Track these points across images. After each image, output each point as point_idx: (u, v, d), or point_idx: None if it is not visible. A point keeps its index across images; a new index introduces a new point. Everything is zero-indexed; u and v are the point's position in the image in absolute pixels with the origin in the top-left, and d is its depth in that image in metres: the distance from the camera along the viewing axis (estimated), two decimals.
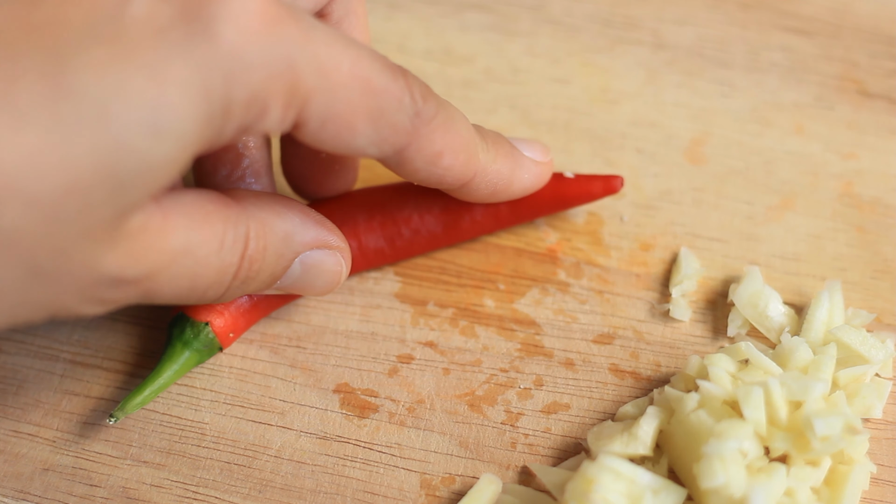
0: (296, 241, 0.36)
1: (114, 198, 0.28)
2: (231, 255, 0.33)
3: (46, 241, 0.27)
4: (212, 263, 0.33)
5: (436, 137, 0.35)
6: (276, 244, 0.35)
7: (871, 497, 0.37)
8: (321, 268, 0.38)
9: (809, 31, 0.51)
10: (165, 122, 0.28)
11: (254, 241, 0.34)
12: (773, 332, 0.40)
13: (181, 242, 0.31)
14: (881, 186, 0.45)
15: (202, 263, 0.32)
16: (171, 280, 0.32)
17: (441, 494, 0.38)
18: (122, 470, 0.38)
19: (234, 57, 0.29)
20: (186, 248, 0.32)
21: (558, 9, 0.52)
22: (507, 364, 0.41)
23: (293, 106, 0.31)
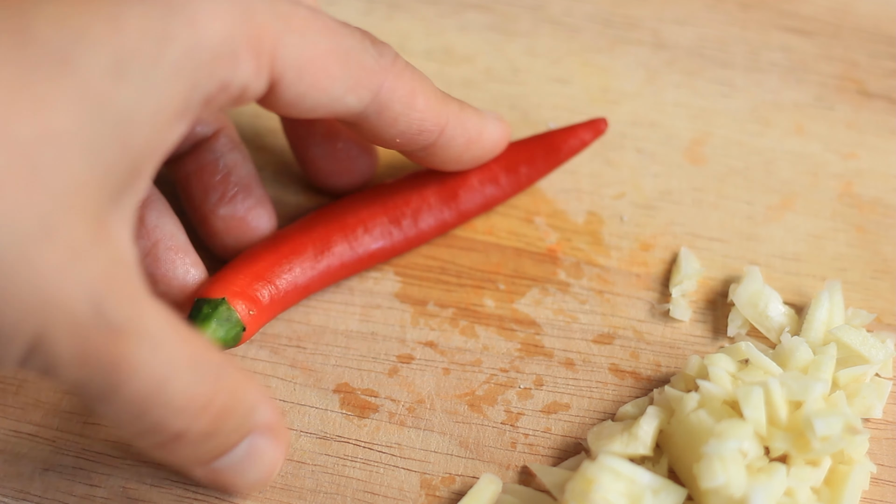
0: (255, 417, 0.34)
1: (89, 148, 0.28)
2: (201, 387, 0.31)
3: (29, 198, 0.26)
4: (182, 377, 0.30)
5: (405, 76, 0.36)
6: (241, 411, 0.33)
7: (871, 497, 0.37)
8: (263, 457, 0.35)
9: (809, 31, 0.51)
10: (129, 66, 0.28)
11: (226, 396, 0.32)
12: (773, 332, 0.40)
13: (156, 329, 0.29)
14: (881, 186, 0.45)
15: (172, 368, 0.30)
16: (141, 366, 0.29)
17: (441, 494, 0.38)
18: (122, 470, 0.38)
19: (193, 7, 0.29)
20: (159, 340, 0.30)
21: (558, 9, 0.52)
22: (507, 364, 0.41)
23: (264, 54, 0.31)
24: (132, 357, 0.29)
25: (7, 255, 0.26)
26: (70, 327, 0.28)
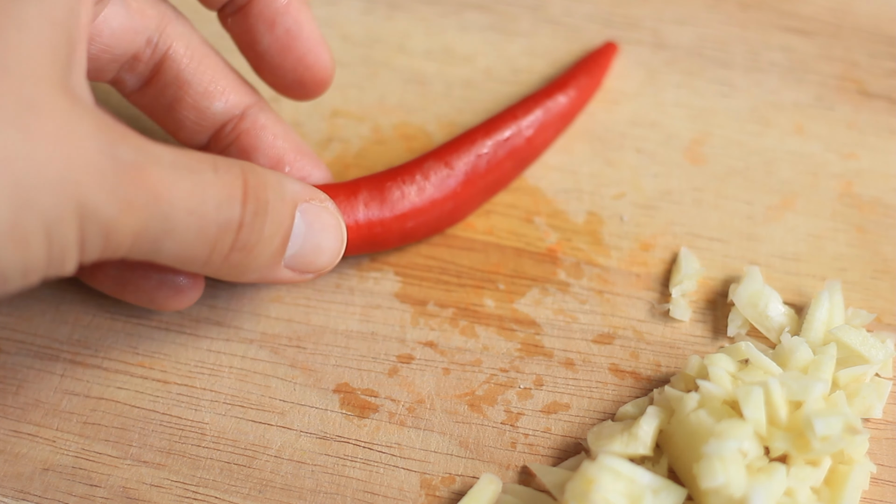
0: (289, 188, 0.36)
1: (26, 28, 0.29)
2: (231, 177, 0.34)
3: None
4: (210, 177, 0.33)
5: None
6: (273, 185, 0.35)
7: (871, 497, 0.37)
8: (323, 221, 0.37)
9: (809, 31, 0.51)
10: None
11: (251, 175, 0.34)
12: (773, 332, 0.40)
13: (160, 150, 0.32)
14: (881, 186, 0.45)
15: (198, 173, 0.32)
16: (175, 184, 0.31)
17: (441, 494, 0.38)
18: (122, 470, 0.38)
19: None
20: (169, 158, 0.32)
21: (558, 9, 0.52)
22: (507, 364, 0.41)
23: None
24: (163, 180, 0.31)
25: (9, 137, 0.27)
26: (103, 182, 0.29)
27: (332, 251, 0.38)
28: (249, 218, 0.34)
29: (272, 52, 0.40)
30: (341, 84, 0.49)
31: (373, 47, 0.51)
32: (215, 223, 0.33)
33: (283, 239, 0.36)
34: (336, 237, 0.38)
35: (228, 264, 0.35)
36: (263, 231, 0.35)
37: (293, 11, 0.39)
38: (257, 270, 0.36)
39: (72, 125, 0.29)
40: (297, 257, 0.37)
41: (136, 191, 0.30)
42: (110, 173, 0.29)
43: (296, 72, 0.40)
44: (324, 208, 0.37)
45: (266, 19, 0.39)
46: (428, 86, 0.49)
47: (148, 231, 0.31)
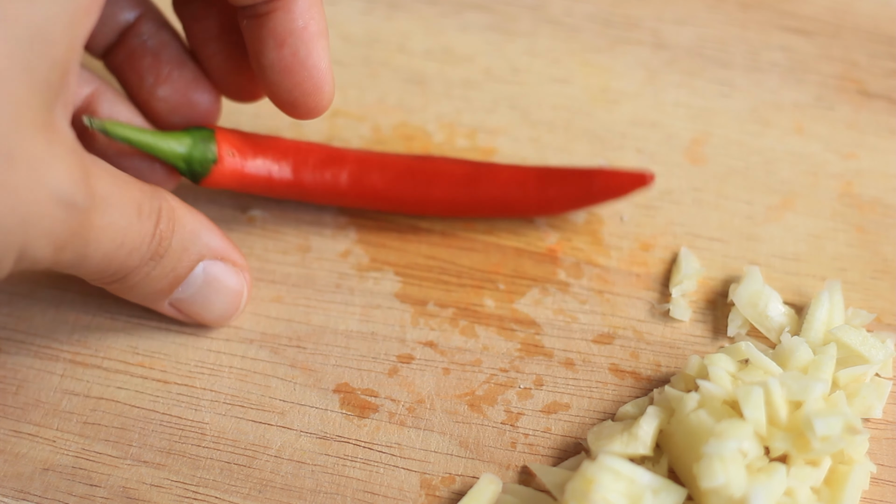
0: (202, 242, 0.38)
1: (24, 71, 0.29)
2: (148, 223, 0.35)
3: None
4: (134, 225, 0.34)
5: None
6: (183, 233, 0.37)
7: (871, 497, 0.37)
8: (223, 282, 0.39)
9: (809, 31, 0.51)
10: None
11: (164, 219, 0.36)
12: (773, 332, 0.40)
13: (107, 190, 0.33)
14: (881, 186, 0.45)
15: (126, 219, 0.34)
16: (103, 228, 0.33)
17: (441, 494, 0.38)
18: (122, 470, 0.38)
19: None
20: (111, 200, 0.33)
21: (558, 9, 0.52)
22: (507, 364, 0.41)
23: None
24: (98, 226, 0.33)
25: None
26: (48, 231, 0.31)
27: (221, 311, 0.40)
28: (143, 262, 0.36)
29: (274, 70, 0.40)
30: (341, 84, 0.49)
31: (373, 47, 0.51)
32: (117, 264, 0.35)
33: (172, 283, 0.38)
34: (230, 301, 0.40)
35: (110, 288, 0.37)
36: (151, 273, 0.37)
37: (306, 37, 0.39)
38: (137, 299, 0.39)
39: (39, 173, 0.30)
40: (183, 302, 0.39)
41: (74, 237, 0.32)
42: (59, 223, 0.31)
43: (292, 94, 0.40)
44: (231, 270, 0.39)
45: (277, 36, 0.39)
46: (428, 86, 0.49)
47: (64, 262, 0.33)
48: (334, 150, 0.43)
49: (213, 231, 0.39)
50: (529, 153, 0.47)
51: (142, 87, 0.42)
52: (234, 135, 0.41)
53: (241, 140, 0.41)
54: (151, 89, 0.42)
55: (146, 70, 0.42)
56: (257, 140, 0.42)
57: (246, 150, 0.41)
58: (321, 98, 0.40)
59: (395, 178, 0.43)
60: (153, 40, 0.42)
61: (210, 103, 0.42)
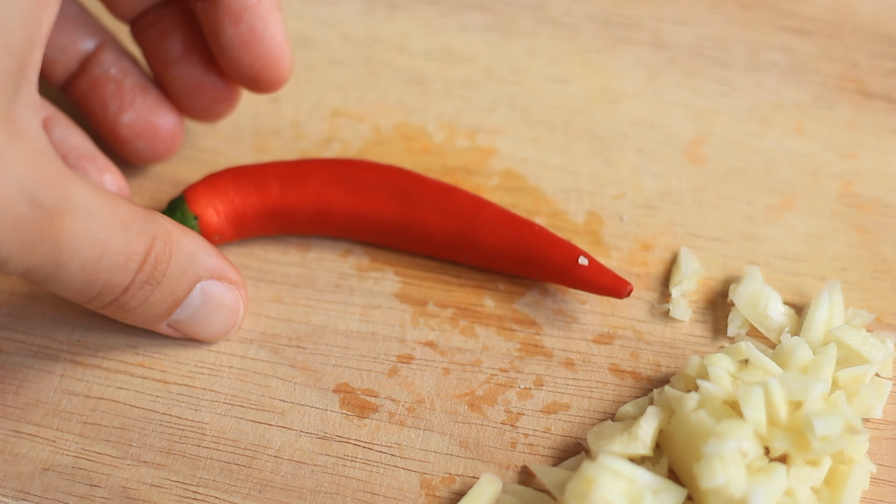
0: (199, 263, 0.38)
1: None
2: (137, 243, 0.34)
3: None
4: (117, 239, 0.34)
5: None
6: (181, 257, 0.37)
7: (871, 497, 0.37)
8: (220, 301, 0.39)
9: (809, 31, 0.51)
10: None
11: (160, 242, 0.35)
12: (773, 332, 0.40)
13: (86, 199, 0.32)
14: (881, 186, 0.45)
15: (107, 232, 0.33)
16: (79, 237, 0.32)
17: (441, 494, 0.38)
18: (122, 470, 0.38)
19: None
20: (89, 209, 0.32)
21: (558, 9, 0.52)
22: (507, 364, 0.41)
23: None
24: (71, 232, 0.32)
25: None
26: (11, 224, 0.30)
27: (219, 328, 0.40)
28: (138, 285, 0.35)
29: (233, 46, 0.40)
30: (341, 84, 0.49)
31: (373, 47, 0.51)
32: (102, 281, 0.34)
33: (171, 306, 0.38)
34: (228, 318, 0.40)
35: (106, 311, 0.36)
36: (149, 298, 0.36)
37: (261, 11, 0.40)
38: (134, 322, 0.38)
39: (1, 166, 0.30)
40: (182, 322, 0.39)
41: (41, 237, 0.31)
42: (22, 218, 0.31)
43: (253, 68, 0.41)
44: (228, 288, 0.39)
45: (233, 14, 0.40)
46: (428, 86, 0.49)
47: (39, 269, 0.32)
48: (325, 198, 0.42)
49: (208, 251, 0.39)
50: (529, 153, 0.47)
51: (106, 115, 0.43)
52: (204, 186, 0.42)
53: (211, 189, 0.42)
54: (116, 116, 0.43)
55: (109, 98, 0.42)
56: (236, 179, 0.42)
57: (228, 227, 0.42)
58: (281, 70, 0.41)
59: (381, 236, 0.43)
60: (115, 68, 0.43)
61: (173, 126, 0.44)
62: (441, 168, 0.46)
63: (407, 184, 0.42)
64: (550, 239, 0.41)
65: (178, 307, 0.38)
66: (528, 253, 0.41)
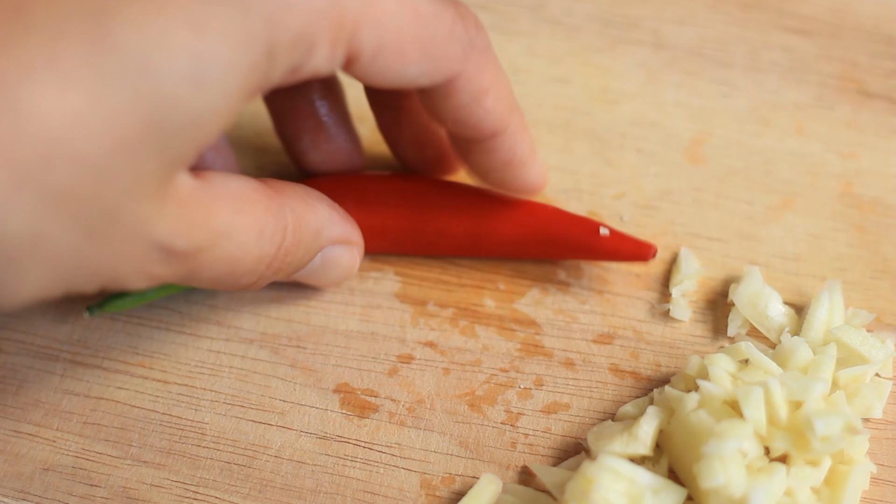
0: (324, 237, 0.38)
1: (161, 152, 0.28)
2: (269, 246, 0.34)
3: (98, 201, 0.28)
4: (251, 251, 0.34)
5: (486, 71, 0.36)
6: (308, 239, 0.37)
7: (871, 497, 0.37)
8: (339, 262, 0.39)
9: (809, 31, 0.51)
10: (208, 72, 0.28)
11: (290, 235, 0.35)
12: (773, 332, 0.40)
13: (226, 224, 0.32)
14: (881, 186, 0.45)
15: (243, 249, 0.33)
16: (213, 262, 0.32)
17: (441, 494, 0.38)
18: (122, 470, 0.38)
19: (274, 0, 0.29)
20: (229, 232, 0.32)
21: (558, 9, 0.52)
22: (507, 364, 0.41)
23: (341, 41, 0.31)
24: (206, 261, 0.32)
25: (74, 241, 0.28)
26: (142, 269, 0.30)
27: (334, 281, 0.41)
28: (279, 258, 0.35)
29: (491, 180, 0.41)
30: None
31: None
32: (228, 284, 0.34)
33: (295, 270, 0.37)
34: (342, 275, 0.40)
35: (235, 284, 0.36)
36: (282, 268, 0.36)
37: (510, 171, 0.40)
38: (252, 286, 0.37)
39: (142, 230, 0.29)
40: (300, 277, 0.39)
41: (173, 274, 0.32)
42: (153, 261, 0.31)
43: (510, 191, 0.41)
44: (346, 250, 0.39)
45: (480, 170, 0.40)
46: None
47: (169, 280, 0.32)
48: None
49: (334, 219, 0.38)
50: None
51: (297, 143, 0.42)
52: None
53: None
54: (305, 149, 0.42)
55: (305, 130, 0.42)
56: None
57: None
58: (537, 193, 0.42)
59: (393, 243, 0.42)
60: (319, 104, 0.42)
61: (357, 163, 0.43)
62: None
63: (413, 188, 0.42)
64: (567, 217, 0.41)
65: (299, 271, 0.38)
66: (549, 234, 0.41)
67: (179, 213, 0.30)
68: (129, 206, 0.29)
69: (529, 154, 0.39)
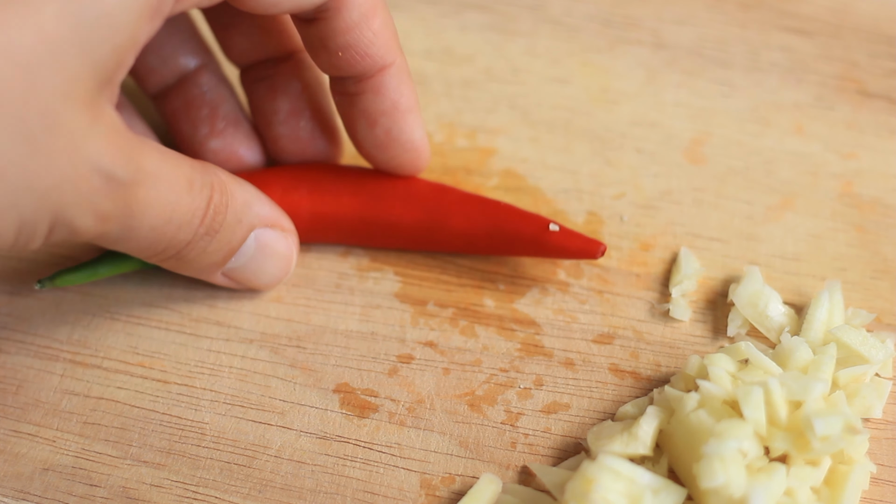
0: (253, 212, 0.38)
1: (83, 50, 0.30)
2: (200, 198, 0.35)
3: (31, 101, 0.29)
4: (183, 199, 0.35)
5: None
6: (236, 206, 0.37)
7: (871, 497, 0.37)
8: (274, 249, 0.40)
9: (809, 31, 0.51)
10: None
11: (218, 194, 0.36)
12: (773, 332, 0.40)
13: (155, 166, 0.33)
14: (881, 186, 0.45)
15: (176, 193, 0.34)
16: (150, 203, 0.33)
17: (441, 494, 0.38)
18: (122, 470, 0.38)
19: None
20: (159, 174, 0.33)
21: (558, 9, 0.52)
22: (507, 364, 0.41)
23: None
24: (144, 199, 0.33)
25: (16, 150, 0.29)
26: (86, 199, 0.31)
27: (273, 276, 0.41)
28: (199, 237, 0.36)
29: (368, 144, 0.41)
30: None
31: None
32: (168, 239, 0.35)
33: (227, 255, 0.38)
34: (281, 266, 0.41)
35: (165, 264, 0.37)
36: (207, 248, 0.37)
37: (397, 116, 0.40)
38: (191, 272, 0.39)
39: (79, 144, 0.31)
40: (236, 271, 0.40)
41: (115, 207, 0.32)
42: (98, 192, 0.32)
43: (389, 164, 0.42)
44: (280, 236, 0.40)
45: (368, 116, 0.40)
46: (428, 86, 0.49)
47: (110, 234, 0.33)
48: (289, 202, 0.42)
49: (262, 199, 0.39)
50: (529, 153, 0.47)
51: (193, 137, 0.43)
52: None
53: None
54: (203, 140, 0.43)
55: (201, 121, 0.43)
56: None
57: None
58: (417, 166, 0.42)
59: (346, 233, 0.43)
60: (212, 93, 0.43)
61: (259, 161, 0.44)
62: (441, 168, 0.46)
63: (368, 180, 0.42)
64: (518, 213, 0.42)
65: (233, 256, 0.39)
66: (498, 229, 0.41)
67: (113, 138, 0.32)
68: (63, 111, 0.30)
69: (416, 103, 0.40)
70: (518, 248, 0.42)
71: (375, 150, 0.41)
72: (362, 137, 0.41)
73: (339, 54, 0.38)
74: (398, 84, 0.39)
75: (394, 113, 0.40)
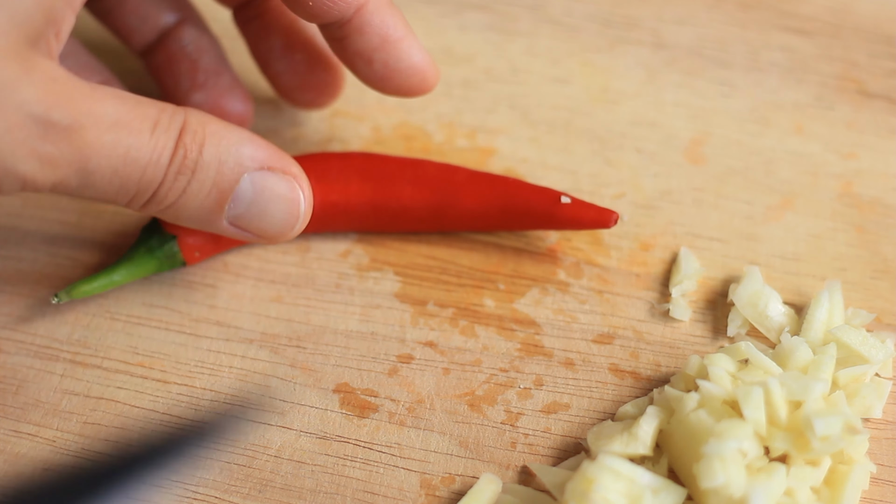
0: (241, 153, 0.37)
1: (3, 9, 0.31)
2: (166, 138, 0.35)
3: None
4: (145, 140, 0.34)
5: None
6: (216, 146, 0.36)
7: (871, 497, 0.37)
8: (274, 191, 0.38)
9: (809, 31, 0.51)
10: None
11: (189, 133, 0.35)
12: (773, 332, 0.40)
13: (111, 112, 0.33)
14: (881, 186, 0.45)
15: (135, 135, 0.34)
16: (104, 145, 0.33)
17: (441, 494, 0.38)
18: None
19: None
20: (117, 119, 0.33)
21: (558, 9, 0.52)
22: (507, 364, 0.41)
23: None
24: (95, 142, 0.33)
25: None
26: (24, 144, 0.32)
27: (281, 221, 0.39)
28: (171, 177, 0.35)
29: (372, 79, 0.41)
30: None
31: None
32: (136, 181, 0.35)
33: (218, 199, 0.37)
34: (287, 210, 0.39)
35: (152, 211, 0.37)
36: (187, 189, 0.36)
37: (390, 47, 0.40)
38: (189, 221, 0.38)
39: (8, 93, 0.31)
40: (241, 219, 0.38)
41: (61, 152, 0.32)
42: (35, 136, 0.32)
43: (398, 92, 0.41)
44: (281, 178, 0.38)
45: (363, 55, 0.40)
46: None
47: (69, 181, 0.34)
48: None
49: (255, 142, 0.38)
50: (529, 153, 0.47)
51: (176, 91, 0.43)
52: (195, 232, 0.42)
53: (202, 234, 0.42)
54: (186, 94, 0.43)
55: (182, 75, 0.43)
56: None
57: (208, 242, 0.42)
58: (427, 85, 0.41)
59: (357, 220, 0.43)
60: (192, 46, 0.43)
61: (242, 113, 0.44)
62: None
63: (375, 164, 0.43)
64: (529, 187, 0.42)
65: (226, 201, 0.37)
66: (510, 205, 0.42)
67: (49, 85, 0.32)
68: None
69: (406, 29, 0.40)
70: (531, 223, 0.42)
71: (381, 84, 0.41)
72: (364, 75, 0.41)
73: (310, 3, 0.38)
74: (381, 18, 0.39)
75: (385, 46, 0.40)
